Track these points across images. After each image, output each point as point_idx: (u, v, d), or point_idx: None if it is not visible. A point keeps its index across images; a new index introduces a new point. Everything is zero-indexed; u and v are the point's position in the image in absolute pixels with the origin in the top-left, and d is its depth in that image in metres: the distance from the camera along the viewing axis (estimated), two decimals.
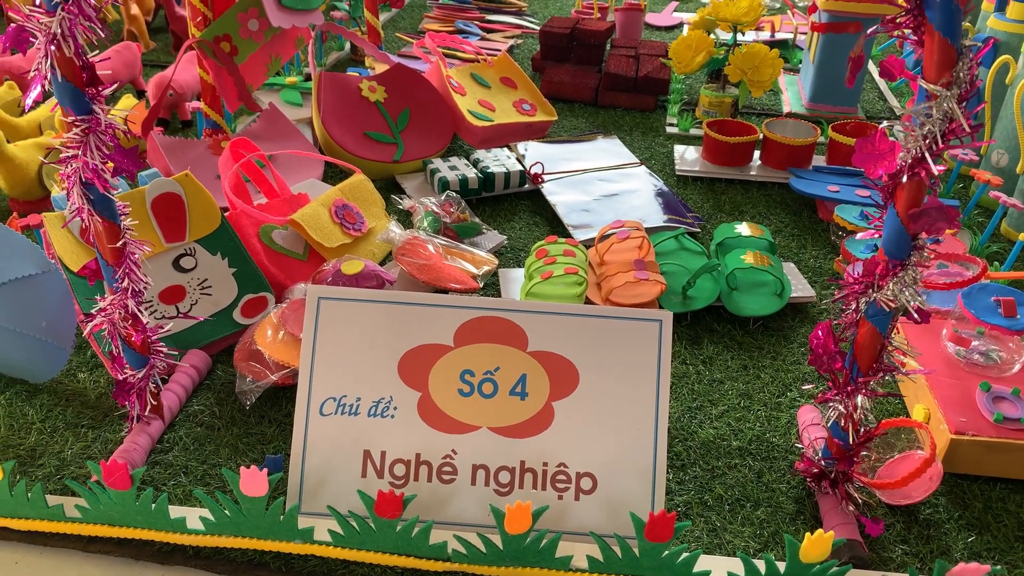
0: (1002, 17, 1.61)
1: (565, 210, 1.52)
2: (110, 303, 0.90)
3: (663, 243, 1.35)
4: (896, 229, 0.75)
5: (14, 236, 1.04)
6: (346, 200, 1.35)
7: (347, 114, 1.64)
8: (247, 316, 1.16)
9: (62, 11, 0.73)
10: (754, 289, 1.24)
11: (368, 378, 0.88)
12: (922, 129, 0.70)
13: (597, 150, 1.78)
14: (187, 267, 1.15)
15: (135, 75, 2.01)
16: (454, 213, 1.39)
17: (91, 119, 0.79)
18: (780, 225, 1.52)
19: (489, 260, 1.31)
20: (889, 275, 0.77)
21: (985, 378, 1.02)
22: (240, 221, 1.24)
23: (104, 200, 0.83)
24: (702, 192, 1.64)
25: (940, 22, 0.66)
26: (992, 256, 1.39)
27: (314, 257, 1.28)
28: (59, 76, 0.76)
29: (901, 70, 0.71)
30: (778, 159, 1.65)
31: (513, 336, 0.89)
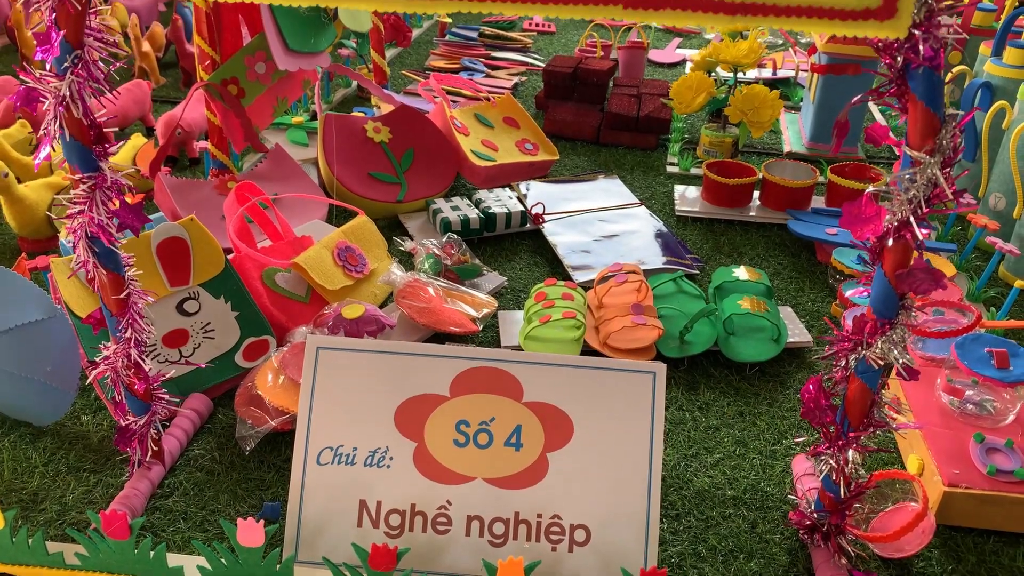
0: (998, 62, 1.63)
1: (565, 251, 1.54)
2: (113, 352, 0.92)
3: (661, 286, 1.36)
4: (884, 289, 0.77)
5: (22, 282, 1.07)
6: (349, 242, 1.37)
7: (352, 155, 1.66)
8: (249, 359, 1.17)
9: (71, 75, 0.75)
10: (751, 334, 1.25)
11: (365, 428, 0.90)
12: (907, 194, 0.72)
13: (598, 190, 1.80)
14: (191, 311, 1.17)
15: (145, 112, 2.05)
16: (455, 255, 1.41)
17: (97, 176, 0.81)
18: (779, 267, 1.53)
19: (489, 303, 1.32)
20: (878, 333, 0.79)
21: (979, 429, 1.02)
22: (244, 264, 1.26)
23: (109, 253, 0.85)
24: (701, 232, 1.66)
25: (922, 92, 0.67)
26: (989, 301, 1.39)
27: (316, 299, 1.30)
28: (67, 136, 0.78)
29: (885, 136, 0.73)
30: (777, 201, 1.67)
31: (508, 387, 0.90)
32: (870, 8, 0.64)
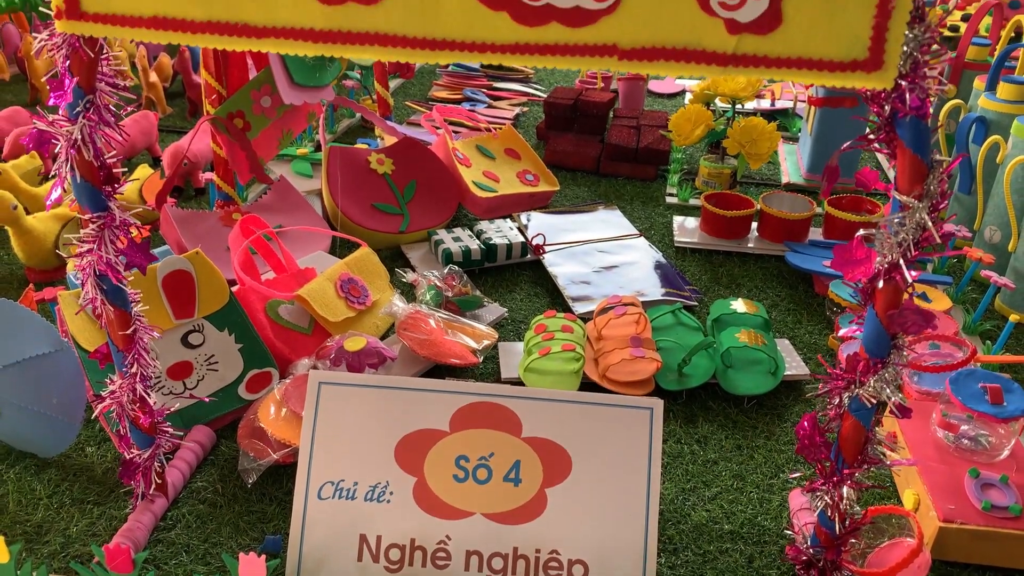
0: (992, 97, 1.65)
1: (565, 282, 1.55)
2: (119, 386, 0.93)
3: (660, 318, 1.38)
4: (876, 329, 0.78)
5: (30, 315, 1.08)
6: (352, 274, 1.39)
7: (355, 186, 1.69)
8: (252, 391, 1.19)
9: (83, 119, 0.77)
10: (749, 367, 1.26)
11: (365, 463, 0.91)
12: (896, 237, 0.73)
13: (598, 221, 1.82)
14: (195, 343, 1.18)
15: (151, 143, 2.08)
16: (456, 286, 1.43)
17: (107, 216, 0.83)
18: (776, 299, 1.54)
19: (489, 334, 1.34)
20: (870, 372, 0.80)
21: (974, 463, 1.03)
22: (248, 297, 1.27)
23: (116, 290, 0.87)
24: (700, 264, 1.67)
25: (910, 140, 0.69)
26: (985, 334, 1.41)
27: (319, 331, 1.31)
28: (78, 177, 0.80)
29: (875, 181, 0.75)
30: (775, 232, 1.69)
31: (507, 422, 0.91)
32: (857, 60, 0.66)
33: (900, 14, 0.64)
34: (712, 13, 0.65)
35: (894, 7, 0.63)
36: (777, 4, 0.64)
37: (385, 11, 0.69)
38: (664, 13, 0.66)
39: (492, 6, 0.67)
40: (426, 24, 0.69)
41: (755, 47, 0.66)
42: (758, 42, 0.66)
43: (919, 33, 0.65)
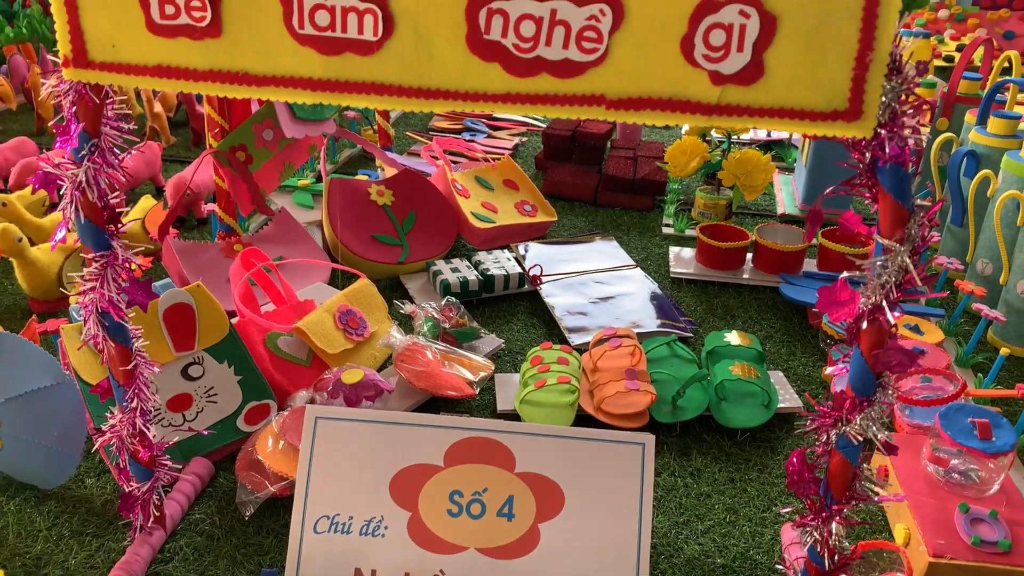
0: (983, 131, 1.68)
1: (561, 312, 1.57)
2: (119, 421, 0.95)
3: (655, 349, 1.39)
4: (861, 368, 0.80)
5: (32, 348, 1.10)
6: (350, 305, 1.41)
7: (355, 218, 1.71)
8: (250, 423, 1.20)
9: (88, 162, 0.80)
10: (742, 400, 1.28)
11: (361, 497, 0.92)
12: (879, 279, 0.75)
13: (595, 251, 1.84)
14: (195, 375, 1.20)
15: (155, 173, 2.11)
16: (453, 318, 1.45)
17: (109, 255, 0.85)
18: (771, 331, 1.56)
19: (485, 366, 1.35)
20: (857, 410, 0.81)
21: (964, 498, 1.04)
22: (247, 329, 1.29)
23: (118, 327, 0.89)
24: (695, 295, 1.69)
25: (891, 186, 0.71)
26: (977, 367, 1.42)
27: (317, 362, 1.33)
28: (82, 218, 0.82)
29: (858, 225, 0.77)
30: (769, 264, 1.71)
31: (501, 457, 0.93)
32: (838, 110, 0.68)
33: (878, 66, 0.66)
34: (696, 65, 0.68)
35: (872, 60, 0.66)
36: (759, 56, 0.67)
37: (381, 62, 0.71)
38: (650, 65, 0.68)
39: (484, 57, 0.70)
40: (421, 74, 0.71)
41: (738, 97, 0.68)
42: (741, 92, 0.68)
43: (896, 84, 0.67)
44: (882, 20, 0.64)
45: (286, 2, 0.70)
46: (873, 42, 0.65)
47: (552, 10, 0.67)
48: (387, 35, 0.70)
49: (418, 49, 0.70)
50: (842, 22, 0.65)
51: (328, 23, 0.70)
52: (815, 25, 0.65)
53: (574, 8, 0.67)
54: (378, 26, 0.69)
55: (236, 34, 0.72)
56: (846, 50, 0.66)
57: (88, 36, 0.74)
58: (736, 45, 0.66)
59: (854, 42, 0.65)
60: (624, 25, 0.67)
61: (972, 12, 3.89)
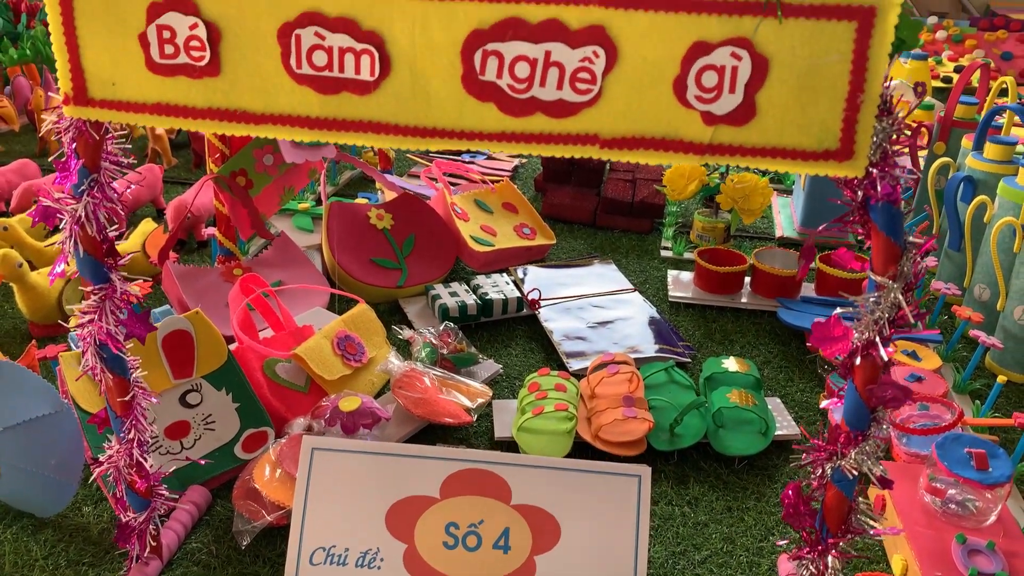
0: (979, 157, 1.69)
1: (560, 337, 1.57)
2: (116, 451, 0.95)
3: (653, 375, 1.39)
4: (855, 403, 0.80)
5: (31, 376, 1.11)
6: (349, 331, 1.41)
7: (355, 242, 1.72)
8: (248, 451, 1.20)
9: (87, 197, 0.80)
10: (740, 427, 1.28)
11: (357, 529, 0.92)
12: (872, 315, 0.76)
13: (593, 275, 1.85)
14: (193, 403, 1.20)
15: (156, 195, 2.12)
16: (451, 343, 1.45)
17: (108, 288, 0.86)
18: (768, 356, 1.56)
19: (483, 392, 1.36)
20: (851, 444, 0.82)
21: (961, 528, 1.04)
22: (246, 355, 1.30)
23: (116, 359, 0.89)
24: (694, 319, 1.70)
25: (883, 223, 0.72)
26: (975, 393, 1.42)
27: (315, 389, 1.33)
28: (81, 252, 0.83)
29: (851, 261, 0.77)
30: (767, 288, 1.71)
31: (497, 489, 0.93)
32: (829, 150, 0.69)
33: (868, 107, 0.67)
34: (689, 106, 0.69)
35: (863, 101, 0.66)
36: (751, 98, 0.68)
37: (378, 101, 0.72)
38: (643, 106, 0.69)
39: (479, 97, 0.71)
40: (417, 114, 0.72)
41: (731, 137, 0.69)
42: (733, 133, 0.69)
43: (887, 125, 0.68)
44: (872, 63, 0.65)
45: (284, 43, 0.71)
46: (864, 84, 0.66)
47: (546, 52, 0.68)
48: (384, 75, 0.71)
49: (415, 89, 0.71)
50: (833, 64, 0.66)
51: (326, 63, 0.71)
52: (806, 67, 0.66)
53: (568, 50, 0.68)
54: (375, 66, 0.70)
55: (234, 73, 0.72)
56: (837, 92, 0.67)
57: (89, 74, 0.74)
58: (728, 86, 0.67)
59: (845, 84, 0.66)
60: (617, 66, 0.68)
61: (970, 33, 3.91)
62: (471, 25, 0.68)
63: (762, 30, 0.66)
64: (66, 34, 0.73)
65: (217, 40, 0.71)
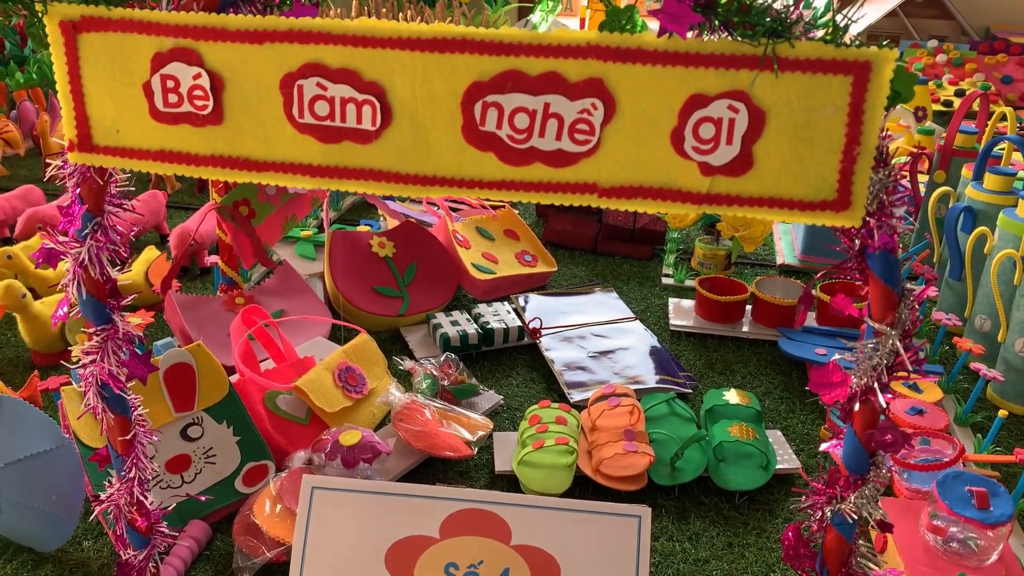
0: (979, 187, 1.69)
1: (561, 367, 1.57)
2: (117, 490, 0.95)
3: (654, 407, 1.39)
4: (855, 447, 0.80)
5: (33, 412, 1.11)
6: (350, 362, 1.41)
7: (357, 270, 1.73)
8: (248, 484, 1.20)
9: (91, 240, 0.81)
10: (740, 461, 1.27)
11: (356, 568, 0.92)
12: (871, 361, 0.76)
13: (594, 303, 1.85)
14: (194, 436, 1.20)
15: (160, 221, 2.13)
16: (452, 375, 1.45)
17: (110, 328, 0.87)
18: (770, 386, 1.56)
19: (484, 425, 1.36)
20: (851, 488, 0.82)
21: (963, 568, 1.04)
22: (247, 388, 1.30)
23: (118, 399, 0.90)
24: (695, 348, 1.70)
25: (880, 271, 0.72)
26: (976, 426, 1.42)
27: (316, 421, 1.33)
28: (84, 294, 0.84)
29: (848, 307, 0.78)
30: (768, 318, 1.71)
31: (497, 529, 0.93)
32: (827, 200, 0.69)
33: (865, 159, 0.67)
34: (686, 156, 0.69)
35: (859, 153, 0.67)
36: (748, 149, 0.68)
37: (380, 150, 0.73)
38: (641, 156, 0.70)
39: (479, 147, 0.71)
40: (418, 162, 0.73)
41: (728, 187, 0.70)
42: (731, 183, 0.69)
43: (884, 176, 0.68)
44: (868, 116, 0.66)
45: (287, 93, 0.72)
46: (860, 136, 0.67)
47: (545, 104, 0.69)
48: (385, 125, 0.72)
49: (415, 139, 0.72)
50: (829, 117, 0.66)
51: (328, 113, 0.72)
52: (803, 120, 0.67)
53: (567, 102, 0.69)
54: (376, 117, 0.71)
55: (237, 122, 0.73)
56: (833, 143, 0.67)
57: (93, 122, 0.75)
58: (725, 138, 0.68)
59: (841, 136, 0.67)
60: (616, 118, 0.69)
61: (970, 57, 3.93)
62: (471, 77, 0.69)
63: (759, 83, 0.66)
64: (71, 83, 0.74)
65: (220, 89, 0.72)
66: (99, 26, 0.72)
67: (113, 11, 0.71)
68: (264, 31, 0.70)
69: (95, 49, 0.73)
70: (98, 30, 0.72)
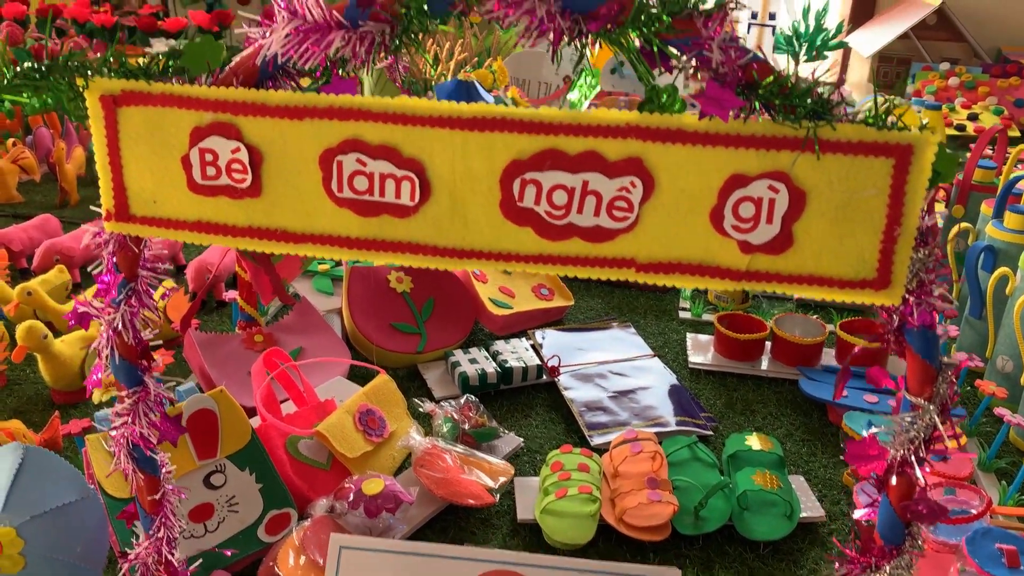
0: (999, 226, 1.68)
1: (581, 408, 1.57)
2: (145, 548, 0.95)
3: (676, 452, 1.39)
4: (890, 517, 0.79)
5: (58, 462, 1.11)
6: (370, 404, 1.41)
7: (374, 306, 1.73)
8: (271, 533, 1.20)
9: (124, 306, 0.81)
10: (764, 509, 1.27)
11: None
12: (907, 434, 0.75)
13: (612, 339, 1.85)
14: (217, 484, 1.20)
15: (176, 252, 2.14)
16: (473, 417, 1.45)
17: (142, 390, 0.87)
18: (790, 428, 1.55)
19: (505, 470, 1.35)
20: (886, 558, 0.81)
21: None
22: (268, 433, 1.30)
23: (148, 460, 0.90)
24: (714, 387, 1.69)
25: (918, 347, 0.72)
26: (1001, 472, 1.41)
27: (336, 466, 1.33)
28: (117, 358, 0.84)
29: (884, 378, 0.77)
30: (788, 356, 1.71)
31: None
32: (867, 279, 0.69)
33: (905, 239, 0.67)
34: (725, 234, 0.69)
35: (900, 233, 0.67)
36: (788, 228, 0.68)
37: (418, 224, 0.73)
38: (679, 233, 0.70)
39: (517, 222, 0.71)
40: (455, 236, 0.73)
41: (768, 265, 0.70)
42: (770, 261, 0.69)
43: (924, 256, 0.68)
44: (909, 197, 0.66)
45: (326, 167, 0.72)
46: (901, 217, 0.66)
47: (584, 181, 0.69)
48: (424, 200, 0.72)
49: (453, 213, 0.72)
50: (870, 198, 0.66)
51: (366, 188, 0.72)
52: (844, 200, 0.67)
53: (605, 180, 0.69)
54: (415, 192, 0.71)
55: (275, 195, 0.74)
56: (874, 224, 0.67)
57: (131, 193, 0.76)
58: (765, 218, 0.68)
59: (882, 216, 0.67)
60: (654, 196, 0.69)
61: (982, 80, 3.93)
62: (510, 155, 0.69)
63: (800, 164, 0.66)
64: (110, 155, 0.74)
65: (259, 163, 0.73)
66: (139, 100, 0.72)
67: (153, 86, 0.72)
68: (304, 107, 0.70)
69: (135, 123, 0.73)
70: (138, 104, 0.72)
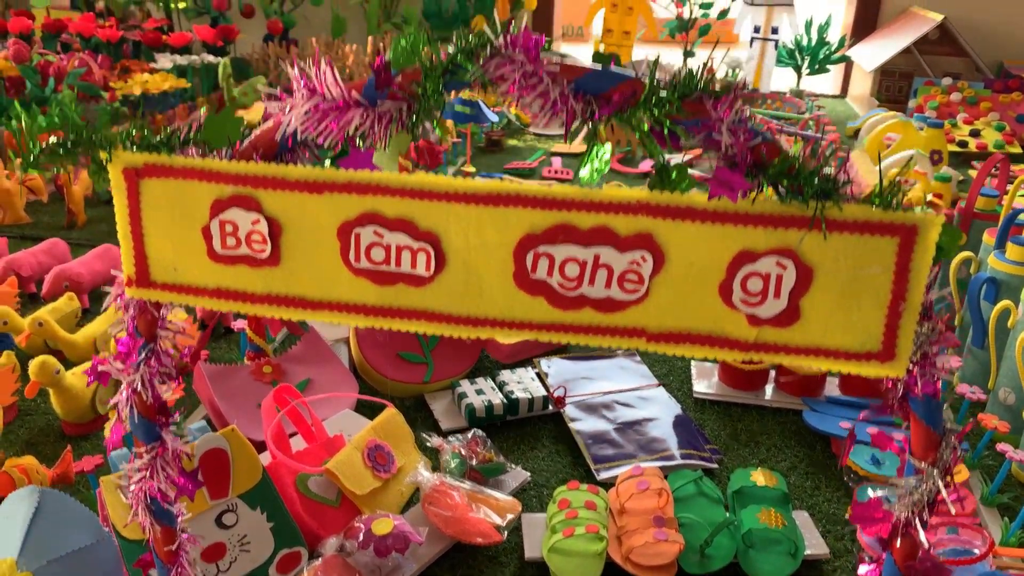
0: (1001, 257, 1.70)
1: (587, 440, 1.58)
2: None
3: (682, 487, 1.40)
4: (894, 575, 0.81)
5: (74, 505, 1.13)
6: (379, 439, 1.43)
7: (382, 336, 1.74)
8: (282, 572, 1.22)
9: (144, 367, 0.83)
10: (769, 547, 1.28)
11: None
12: (912, 497, 0.77)
13: (617, 368, 1.86)
14: (229, 524, 1.22)
15: None
16: (480, 453, 1.46)
17: (159, 446, 0.88)
18: (795, 460, 1.57)
19: (512, 507, 1.37)
20: None
21: None
22: (278, 471, 1.31)
23: (165, 513, 0.91)
24: (719, 417, 1.71)
25: (922, 414, 0.74)
26: (1003, 508, 1.42)
27: (346, 503, 1.34)
28: (136, 416, 0.85)
29: (889, 444, 0.79)
30: (791, 386, 1.72)
31: None
32: (872, 351, 0.71)
33: (910, 314, 0.69)
34: (734, 307, 0.71)
35: (904, 309, 0.68)
36: (796, 303, 0.70)
37: (433, 293, 0.74)
38: (689, 305, 0.71)
39: (530, 292, 0.73)
40: (469, 305, 0.74)
41: (775, 337, 0.71)
42: (778, 333, 0.71)
43: (927, 330, 0.70)
44: (914, 274, 0.67)
45: (344, 239, 0.73)
46: (906, 293, 0.68)
47: (595, 255, 0.71)
48: (439, 270, 0.73)
49: (468, 283, 0.73)
50: (876, 275, 0.68)
51: (383, 258, 0.73)
52: (850, 276, 0.68)
53: (616, 254, 0.70)
54: (431, 263, 0.73)
55: (294, 265, 0.75)
56: (880, 299, 0.69)
57: (152, 260, 0.77)
58: (773, 292, 0.69)
59: (887, 292, 0.68)
60: (664, 270, 0.71)
61: (984, 95, 3.94)
62: (524, 230, 0.71)
63: (807, 241, 0.68)
64: (132, 224, 0.76)
65: (278, 234, 0.74)
66: (161, 172, 0.74)
67: (175, 159, 0.73)
68: (323, 182, 0.72)
69: (156, 194, 0.75)
70: (160, 176, 0.74)
